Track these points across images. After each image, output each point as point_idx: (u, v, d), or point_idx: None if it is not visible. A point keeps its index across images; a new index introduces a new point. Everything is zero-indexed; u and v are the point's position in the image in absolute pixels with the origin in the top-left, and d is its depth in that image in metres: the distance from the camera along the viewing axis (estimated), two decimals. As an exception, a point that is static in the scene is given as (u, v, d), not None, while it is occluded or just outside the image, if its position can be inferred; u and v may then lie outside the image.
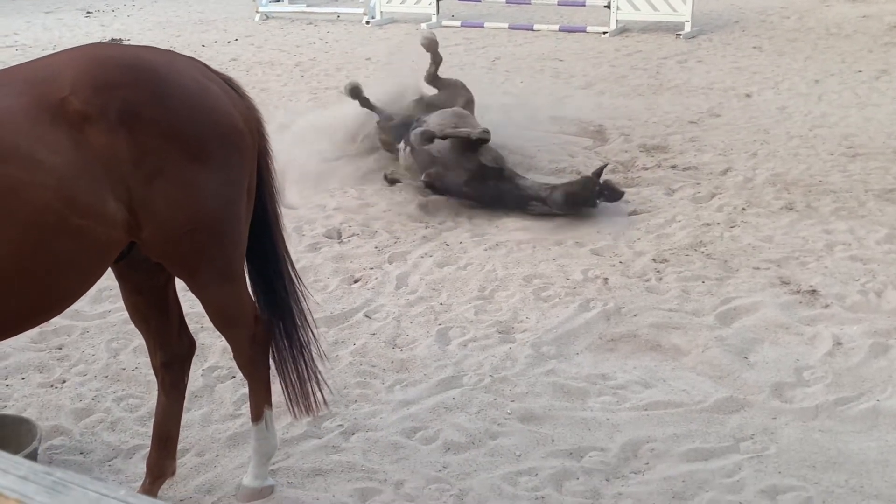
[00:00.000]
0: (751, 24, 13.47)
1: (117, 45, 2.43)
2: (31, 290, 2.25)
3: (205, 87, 2.47)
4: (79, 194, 2.21)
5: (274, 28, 14.92)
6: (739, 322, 4.22)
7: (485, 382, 3.74)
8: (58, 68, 2.32)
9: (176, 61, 2.51)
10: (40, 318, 2.41)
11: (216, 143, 2.43)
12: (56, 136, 2.20)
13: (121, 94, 2.28)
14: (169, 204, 2.36)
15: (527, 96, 9.12)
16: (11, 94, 2.23)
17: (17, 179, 2.14)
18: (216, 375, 3.89)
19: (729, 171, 6.48)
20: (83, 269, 2.35)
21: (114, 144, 2.25)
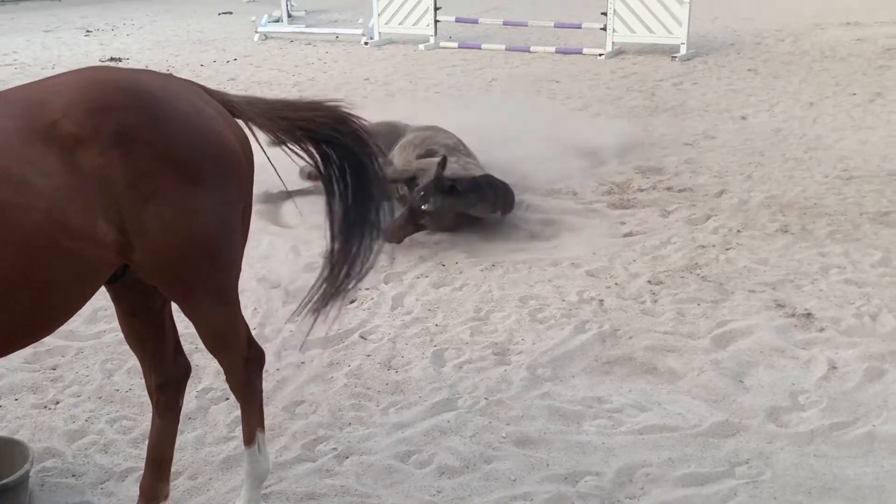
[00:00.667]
0: (746, 46, 13.56)
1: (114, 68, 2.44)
2: (20, 310, 2.24)
3: (200, 109, 2.48)
4: (70, 216, 2.21)
5: (273, 48, 14.98)
6: (735, 345, 4.22)
7: (480, 405, 3.73)
8: (52, 91, 2.32)
9: (172, 84, 2.52)
10: (29, 339, 2.39)
11: (211, 165, 2.44)
12: (48, 159, 2.20)
13: (114, 116, 2.28)
14: (162, 226, 2.36)
15: (523, 117, 9.15)
16: (5, 116, 2.23)
17: (8, 201, 2.14)
18: (210, 397, 3.88)
19: (724, 193, 6.50)
20: (73, 291, 2.34)
21: (106, 167, 2.25)
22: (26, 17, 21.79)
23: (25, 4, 25.76)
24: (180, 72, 12.31)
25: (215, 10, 21.94)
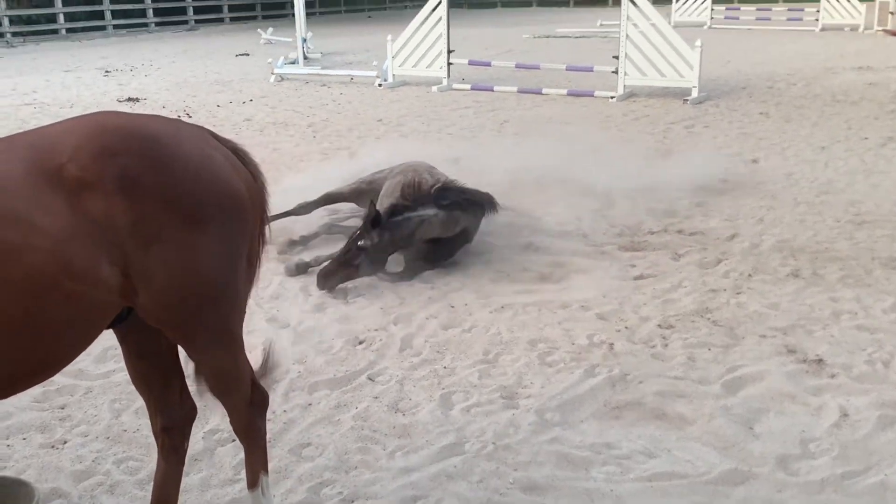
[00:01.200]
0: (758, 90, 13.63)
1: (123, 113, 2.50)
2: (23, 351, 2.26)
3: (207, 154, 2.51)
4: (73, 259, 2.24)
5: (288, 89, 15.18)
6: (745, 391, 4.19)
7: (487, 450, 3.71)
8: (60, 135, 2.36)
9: (180, 130, 2.55)
10: (32, 380, 2.41)
11: (216, 210, 2.46)
12: (53, 202, 2.24)
13: (119, 161, 2.32)
14: (166, 269, 2.38)
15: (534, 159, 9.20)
16: (13, 159, 2.27)
17: (12, 243, 2.17)
18: (217, 439, 3.87)
19: (735, 237, 6.49)
20: (76, 333, 2.36)
21: (111, 210, 2.29)
22: (48, 57, 22.18)
23: (47, 45, 26.26)
24: (197, 112, 12.48)
25: (233, 52, 22.30)
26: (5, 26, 26.62)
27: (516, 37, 25.47)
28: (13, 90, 15.41)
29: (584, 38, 24.76)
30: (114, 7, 30.25)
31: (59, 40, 27.74)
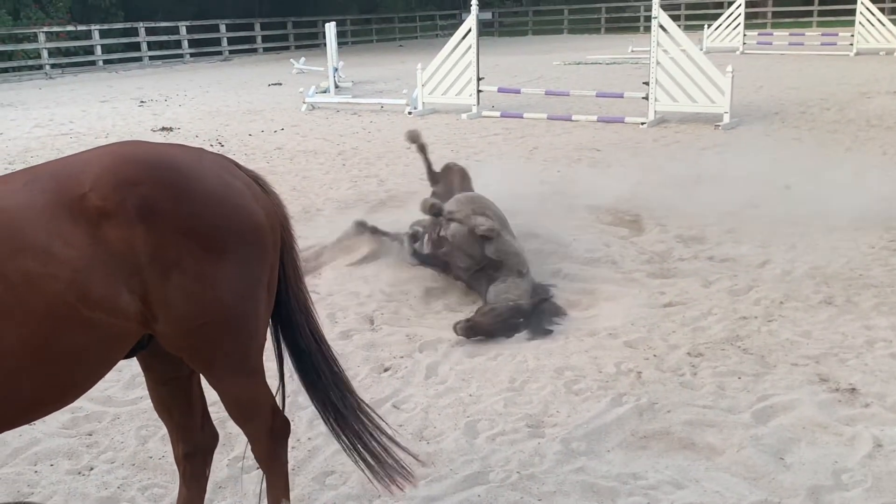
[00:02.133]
0: (791, 115, 13.52)
1: (145, 143, 2.55)
2: (42, 378, 2.29)
3: (228, 183, 2.54)
4: (92, 287, 2.27)
5: (319, 118, 15.33)
6: (776, 420, 4.11)
7: (512, 479, 3.66)
8: (82, 165, 2.40)
9: (201, 159, 2.58)
10: (51, 406, 2.43)
11: (235, 238, 2.48)
12: (73, 231, 2.27)
13: (139, 190, 2.35)
14: (185, 297, 2.40)
15: (564, 185, 9.18)
16: (36, 189, 2.32)
17: (32, 272, 2.21)
18: (241, 466, 3.86)
19: (767, 264, 6.40)
20: (95, 359, 2.38)
21: (130, 239, 2.32)
22: (85, 88, 22.65)
23: (85, 76, 26.84)
24: (229, 141, 12.64)
25: (265, 82, 22.61)
26: (44, 58, 27.27)
27: (546, 64, 25.56)
28: (51, 120, 15.74)
29: (614, 64, 24.78)
30: (150, 39, 30.89)
31: (96, 71, 28.36)
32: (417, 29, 45.35)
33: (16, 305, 2.19)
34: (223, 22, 33.64)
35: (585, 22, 44.25)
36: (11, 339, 2.19)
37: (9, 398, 2.26)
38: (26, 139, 13.57)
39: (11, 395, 2.26)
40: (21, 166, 11.01)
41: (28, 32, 27.61)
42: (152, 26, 31.29)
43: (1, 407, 2.27)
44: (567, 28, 44.42)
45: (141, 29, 30.58)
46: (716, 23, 28.68)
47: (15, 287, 2.19)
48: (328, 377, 2.95)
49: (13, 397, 2.27)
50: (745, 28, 28.42)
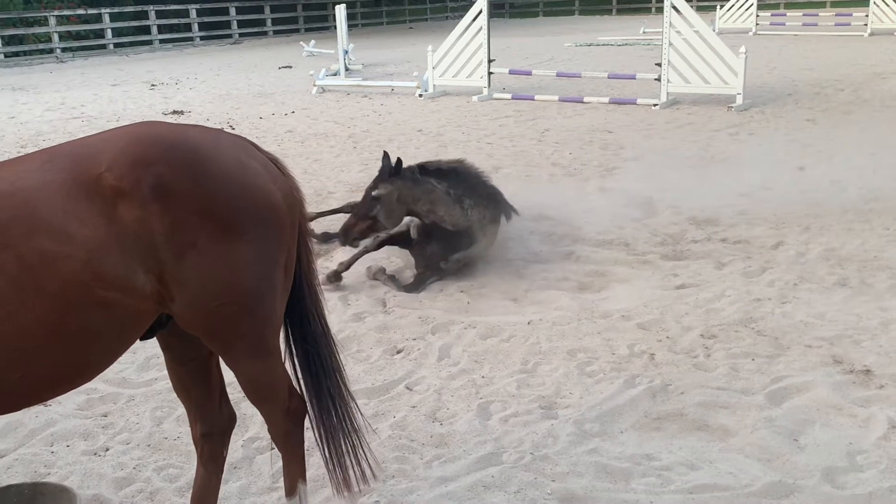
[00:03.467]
0: (804, 96, 13.41)
1: (162, 123, 2.55)
2: (58, 357, 2.31)
3: (244, 164, 2.53)
4: (107, 267, 2.28)
5: (330, 101, 15.30)
6: (790, 402, 4.10)
7: (525, 460, 3.67)
8: (99, 146, 2.41)
9: (218, 139, 2.58)
10: (68, 385, 2.45)
11: (251, 219, 2.48)
12: (89, 211, 2.28)
13: (155, 170, 2.35)
14: (200, 277, 2.40)
15: (576, 168, 9.15)
16: (53, 169, 2.33)
17: (48, 251, 2.22)
18: (256, 447, 3.89)
19: (781, 246, 6.37)
20: (111, 339, 2.40)
21: (146, 219, 2.32)
22: (96, 71, 22.67)
23: (95, 59, 26.85)
24: (240, 124, 12.64)
25: (275, 65, 22.57)
26: (55, 42, 27.29)
27: (558, 45, 25.42)
28: (62, 104, 15.77)
29: (626, 45, 24.62)
30: (160, 22, 30.86)
31: (106, 55, 28.36)
32: (427, 11, 45.14)
33: (32, 285, 2.20)
34: (233, 5, 33.56)
35: (597, 3, 43.94)
36: (28, 319, 2.21)
37: (26, 376, 2.28)
38: (38, 123, 13.60)
39: (28, 373, 2.28)
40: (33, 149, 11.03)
41: (39, 16, 27.62)
42: (162, 9, 31.25)
43: (18, 385, 2.29)
44: (578, 10, 44.13)
45: (151, 12, 30.53)
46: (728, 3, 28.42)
47: (31, 267, 2.20)
48: (328, 365, 2.95)
49: (30, 376, 2.29)
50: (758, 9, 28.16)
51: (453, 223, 5.79)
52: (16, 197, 2.25)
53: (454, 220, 5.79)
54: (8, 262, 2.18)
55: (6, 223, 2.21)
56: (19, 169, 2.33)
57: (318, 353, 2.89)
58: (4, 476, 3.68)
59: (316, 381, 2.90)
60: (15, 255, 2.19)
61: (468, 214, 5.82)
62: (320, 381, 2.90)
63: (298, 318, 2.84)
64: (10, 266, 2.18)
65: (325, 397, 2.91)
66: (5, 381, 2.25)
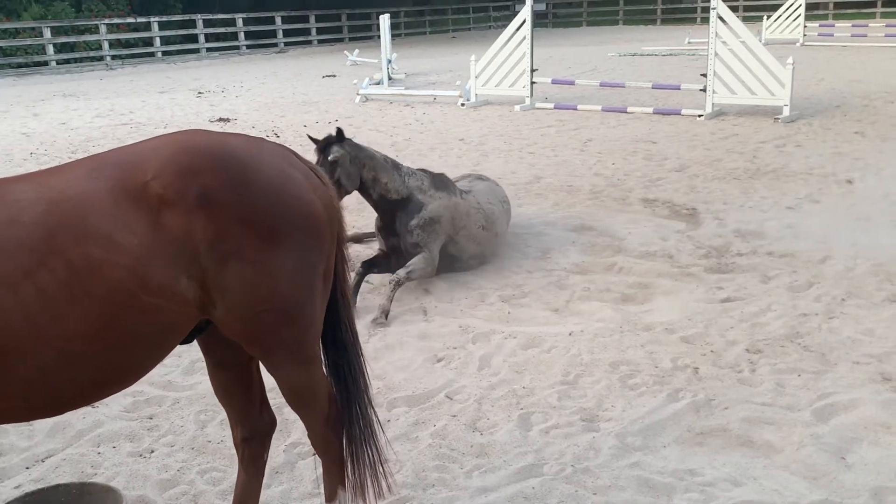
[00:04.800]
0: (853, 108, 13.19)
1: (207, 132, 2.61)
2: (104, 361, 2.36)
3: (286, 174, 2.57)
4: (152, 274, 2.32)
5: (373, 110, 15.40)
6: (837, 419, 4.02)
7: (566, 472, 3.65)
8: (146, 154, 2.46)
9: (261, 149, 2.62)
10: (112, 389, 2.50)
11: (292, 228, 2.52)
12: (135, 218, 2.33)
13: (200, 179, 2.39)
14: (242, 285, 2.44)
15: (619, 178, 9.10)
16: (101, 177, 2.38)
17: (96, 258, 2.27)
18: (298, 452, 3.91)
19: (828, 260, 6.27)
20: (154, 343, 2.44)
21: (190, 227, 2.36)
22: (144, 79, 23.07)
23: (144, 67, 27.35)
24: (284, 132, 12.77)
25: (320, 73, 22.78)
26: (105, 49, 27.85)
27: (601, 55, 25.31)
28: (111, 110, 16.07)
29: (671, 55, 24.43)
30: (207, 30, 31.36)
31: (155, 62, 28.88)
32: (470, 20, 45.24)
33: (80, 291, 2.25)
34: (279, 14, 33.98)
35: (641, 13, 43.69)
36: (75, 324, 2.26)
37: (72, 380, 2.33)
38: (88, 129, 13.88)
39: (74, 377, 2.33)
40: (83, 154, 11.27)
41: (90, 24, 28.21)
42: (210, 18, 31.74)
43: (64, 388, 2.34)
44: (622, 19, 43.92)
45: (199, 21, 31.04)
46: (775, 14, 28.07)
47: (79, 273, 2.25)
48: (356, 374, 2.97)
49: (76, 379, 2.34)
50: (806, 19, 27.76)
51: (395, 189, 6.01)
52: (65, 204, 2.30)
53: (395, 186, 6.01)
54: (58, 267, 2.23)
55: (55, 230, 2.26)
56: (68, 177, 2.39)
57: (347, 362, 2.91)
58: (53, 475, 3.76)
59: (345, 390, 2.92)
60: (64, 261, 2.24)
61: (406, 181, 6.06)
62: (349, 389, 2.92)
63: (331, 327, 2.87)
64: (59, 272, 2.23)
65: (353, 406, 2.93)
66: (54, 383, 2.31)
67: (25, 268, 2.20)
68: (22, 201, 2.28)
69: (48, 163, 10.87)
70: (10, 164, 10.89)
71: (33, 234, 2.23)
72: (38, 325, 2.21)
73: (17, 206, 2.27)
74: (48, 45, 26.40)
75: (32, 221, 2.25)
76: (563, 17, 46.57)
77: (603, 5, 45.23)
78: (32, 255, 2.22)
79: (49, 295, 2.21)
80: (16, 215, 2.25)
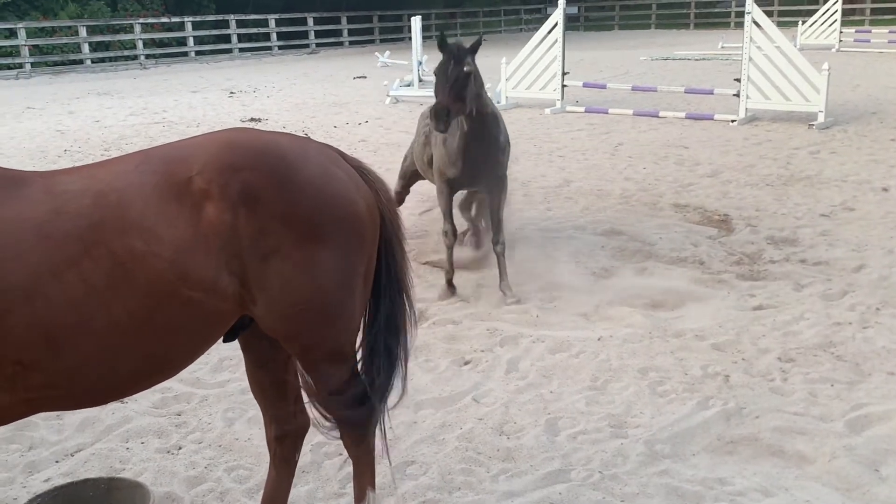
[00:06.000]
0: (889, 115, 12.99)
1: (253, 130, 2.63)
2: (143, 353, 2.38)
3: (330, 172, 2.58)
4: (192, 268, 2.34)
5: (403, 111, 15.42)
6: (871, 431, 3.95)
7: (593, 479, 3.62)
8: (192, 150, 2.48)
9: (306, 147, 2.64)
10: (149, 381, 2.52)
11: (334, 227, 2.52)
12: (178, 212, 2.35)
13: (243, 176, 2.41)
14: (282, 282, 2.45)
15: (650, 183, 9.03)
16: (147, 171, 2.41)
17: (138, 250, 2.30)
18: (324, 451, 3.91)
19: (863, 268, 6.17)
20: (193, 337, 2.46)
21: (233, 222, 2.38)
22: (177, 78, 23.30)
23: (177, 66, 27.62)
24: (315, 132, 12.83)
25: (350, 75, 22.86)
26: (139, 49, 28.16)
27: (633, 59, 25.17)
28: (144, 109, 16.24)
29: (704, 60, 24.22)
30: (240, 31, 31.61)
31: (188, 62, 29.15)
32: (502, 23, 45.18)
33: (122, 281, 2.28)
34: (311, 15, 34.16)
35: (674, 17, 43.39)
36: (117, 313, 2.29)
37: (113, 370, 2.36)
38: (122, 127, 14.04)
39: (116, 367, 2.36)
40: (117, 153, 11.40)
41: (125, 24, 28.54)
42: (242, 19, 31.99)
43: (105, 378, 2.37)
44: (654, 23, 43.64)
45: (232, 21, 31.30)
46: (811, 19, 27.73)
47: (122, 264, 2.28)
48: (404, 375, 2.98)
49: (117, 369, 2.37)
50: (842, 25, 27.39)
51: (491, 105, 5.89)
52: (110, 196, 2.34)
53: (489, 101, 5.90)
54: (101, 258, 2.26)
55: (100, 221, 2.29)
56: (116, 170, 2.43)
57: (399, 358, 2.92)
58: (82, 469, 3.79)
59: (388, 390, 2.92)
60: (108, 252, 2.27)
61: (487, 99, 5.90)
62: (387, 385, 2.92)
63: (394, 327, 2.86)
64: (102, 262, 2.26)
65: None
66: (93, 373, 2.33)
67: (70, 257, 2.24)
68: (69, 192, 2.32)
69: (81, 160, 11.00)
70: (44, 161, 11.03)
71: (79, 224, 2.27)
72: (82, 313, 2.25)
73: (63, 196, 2.31)
74: (84, 44, 26.74)
75: (78, 212, 2.29)
76: (594, 20, 46.37)
77: (635, 9, 45.00)
78: (77, 244, 2.26)
79: (92, 284, 2.25)
80: (62, 206, 2.29)
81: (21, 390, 2.26)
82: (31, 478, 3.74)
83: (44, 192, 2.31)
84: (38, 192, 2.31)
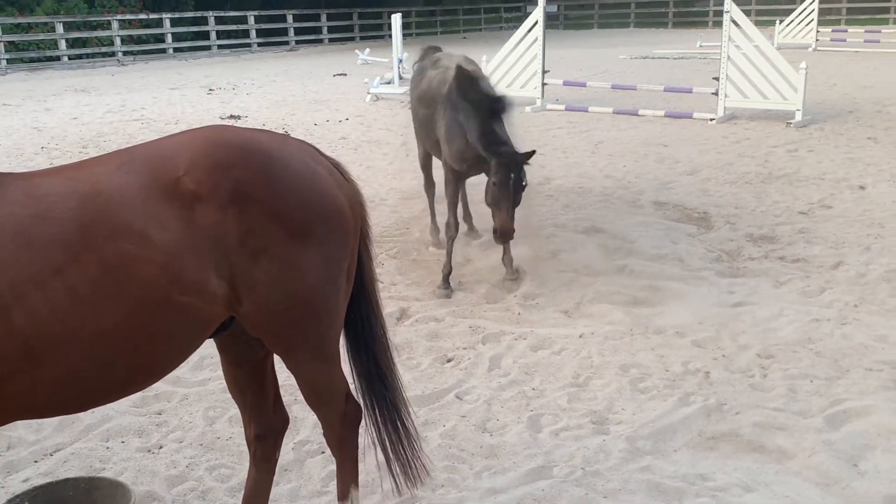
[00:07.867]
0: (866, 114, 13.12)
1: (233, 127, 2.59)
2: (132, 359, 2.34)
3: (313, 170, 2.56)
4: (184, 271, 2.30)
5: (383, 109, 15.38)
6: (850, 426, 3.99)
7: (576, 475, 3.63)
8: (175, 149, 2.43)
9: (287, 145, 2.62)
10: (139, 385, 2.48)
11: (319, 224, 2.51)
12: (167, 214, 2.30)
13: (233, 174, 2.38)
14: (270, 281, 2.43)
15: (630, 181, 9.07)
16: (131, 171, 2.35)
17: (128, 255, 2.24)
18: (307, 450, 3.90)
19: (840, 266, 6.23)
20: (182, 341, 2.42)
21: (222, 223, 2.34)
22: (155, 75, 23.11)
23: (155, 63, 27.40)
24: (295, 130, 12.77)
25: (330, 72, 22.78)
26: (117, 45, 27.91)
27: (613, 58, 25.26)
28: (122, 106, 16.10)
29: (682, 59, 24.35)
30: (218, 28, 31.40)
31: (166, 59, 28.93)
32: (482, 21, 45.19)
33: (113, 288, 2.21)
34: (290, 12, 34.00)
35: (652, 16, 43.58)
36: (105, 322, 2.23)
37: (103, 377, 2.31)
38: (99, 124, 13.91)
39: (106, 374, 2.31)
40: (95, 150, 11.29)
41: (102, 20, 28.27)
42: (221, 15, 31.78)
43: (92, 385, 2.32)
44: (633, 22, 43.83)
45: (210, 18, 31.09)
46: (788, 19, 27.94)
47: (112, 270, 2.22)
48: (386, 369, 2.97)
49: (107, 376, 2.32)
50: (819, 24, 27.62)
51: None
52: (97, 199, 2.26)
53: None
54: (90, 264, 2.19)
55: (88, 225, 2.22)
56: (98, 171, 2.36)
57: (375, 359, 2.90)
58: (62, 469, 3.75)
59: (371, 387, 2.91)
60: (97, 258, 2.20)
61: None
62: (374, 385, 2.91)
63: (361, 323, 2.86)
64: (91, 269, 2.19)
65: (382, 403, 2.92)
66: (81, 380, 2.28)
67: (55, 265, 2.16)
68: (52, 196, 2.23)
69: (59, 157, 10.89)
70: (21, 159, 10.91)
71: (66, 229, 2.19)
72: (67, 323, 2.17)
73: (46, 200, 2.22)
74: (60, 41, 26.46)
75: (64, 217, 2.20)
76: (574, 18, 46.48)
77: (615, 7, 45.16)
78: (64, 251, 2.17)
79: (79, 293, 2.17)
80: (45, 210, 2.20)
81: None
82: (10, 478, 3.70)
83: (24, 194, 2.22)
84: (18, 195, 2.21)
